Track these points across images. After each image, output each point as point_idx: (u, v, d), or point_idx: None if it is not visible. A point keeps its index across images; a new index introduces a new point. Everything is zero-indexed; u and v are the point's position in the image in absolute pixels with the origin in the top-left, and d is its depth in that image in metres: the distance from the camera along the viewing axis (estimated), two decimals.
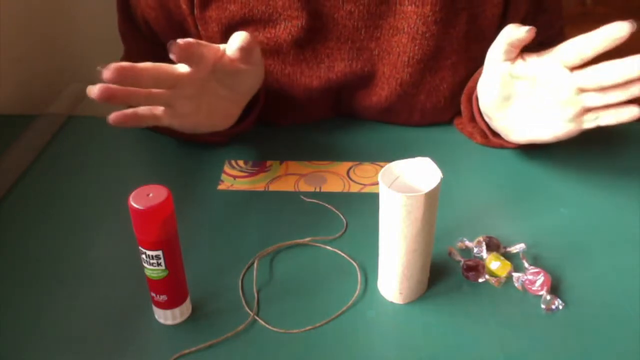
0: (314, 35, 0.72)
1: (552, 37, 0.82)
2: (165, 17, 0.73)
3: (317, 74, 0.74)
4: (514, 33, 0.58)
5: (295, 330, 0.53)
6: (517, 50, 0.60)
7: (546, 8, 0.77)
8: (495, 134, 0.71)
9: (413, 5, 0.70)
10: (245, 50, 0.60)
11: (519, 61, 0.61)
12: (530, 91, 0.62)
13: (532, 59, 0.61)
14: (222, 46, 0.62)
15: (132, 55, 0.81)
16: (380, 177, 0.51)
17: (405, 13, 0.71)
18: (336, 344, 0.52)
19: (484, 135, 0.74)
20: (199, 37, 0.73)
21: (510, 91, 0.63)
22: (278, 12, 0.70)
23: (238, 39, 0.60)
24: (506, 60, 0.61)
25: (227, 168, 0.73)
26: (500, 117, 0.65)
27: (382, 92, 0.76)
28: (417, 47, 0.72)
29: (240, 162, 0.74)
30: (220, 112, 0.67)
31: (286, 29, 0.71)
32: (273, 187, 0.70)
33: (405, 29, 0.71)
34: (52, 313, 0.55)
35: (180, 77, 0.60)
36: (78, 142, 0.79)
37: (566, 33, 0.84)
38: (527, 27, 0.57)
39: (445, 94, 0.76)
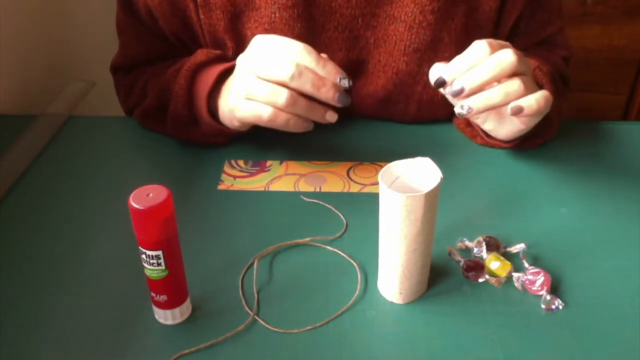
0: (312, 24, 0.72)
1: (551, 36, 0.82)
2: (168, 3, 0.73)
3: None
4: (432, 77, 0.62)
5: (295, 330, 0.53)
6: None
7: (544, 5, 0.77)
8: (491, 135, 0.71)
9: None
10: None
11: None
12: None
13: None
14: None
15: (129, 47, 0.81)
16: (380, 177, 0.51)
17: (402, 1, 0.71)
18: (336, 344, 0.52)
19: (483, 137, 0.74)
20: (199, 24, 0.73)
21: None
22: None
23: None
24: None
25: (227, 168, 0.73)
26: (481, 121, 0.67)
27: (378, 80, 0.76)
28: (413, 36, 0.72)
29: (240, 162, 0.74)
30: None
31: (282, 18, 0.71)
32: (273, 187, 0.70)
33: (402, 17, 0.71)
34: (52, 313, 0.55)
35: None
36: (78, 142, 0.79)
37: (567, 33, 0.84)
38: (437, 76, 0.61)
39: None
